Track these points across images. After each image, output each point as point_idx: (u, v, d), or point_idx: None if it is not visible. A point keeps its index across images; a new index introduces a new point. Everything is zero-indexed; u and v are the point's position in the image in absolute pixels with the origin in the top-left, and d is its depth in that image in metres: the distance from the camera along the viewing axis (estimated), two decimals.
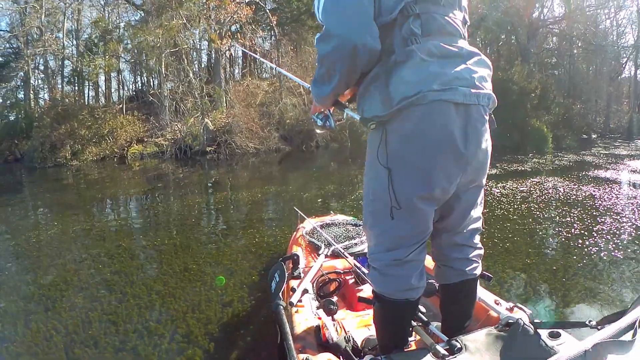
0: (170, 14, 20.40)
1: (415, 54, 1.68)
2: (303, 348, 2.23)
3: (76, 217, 8.44)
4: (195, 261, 5.16)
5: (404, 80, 1.68)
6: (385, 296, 1.95)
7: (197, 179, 14.61)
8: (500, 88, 19.13)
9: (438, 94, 1.65)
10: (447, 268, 2.11)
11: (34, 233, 7.04)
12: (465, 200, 1.95)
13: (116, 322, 3.69)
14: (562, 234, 5.92)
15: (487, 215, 6.64)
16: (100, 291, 4.38)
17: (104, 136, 23.64)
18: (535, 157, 15.41)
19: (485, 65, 1.84)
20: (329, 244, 3.73)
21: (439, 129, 1.69)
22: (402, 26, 1.72)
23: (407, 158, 1.74)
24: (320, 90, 1.90)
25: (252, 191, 10.55)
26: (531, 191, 8.68)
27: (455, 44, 1.77)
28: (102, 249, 5.94)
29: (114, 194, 11.82)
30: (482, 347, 1.83)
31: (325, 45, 1.71)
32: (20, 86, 30.44)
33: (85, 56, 24.87)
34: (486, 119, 1.82)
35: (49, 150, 23.10)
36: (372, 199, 1.90)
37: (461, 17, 1.87)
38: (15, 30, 29.73)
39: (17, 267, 5.48)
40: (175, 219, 7.95)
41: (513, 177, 10.66)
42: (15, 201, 11.36)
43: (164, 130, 22.99)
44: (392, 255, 1.89)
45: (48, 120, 25.03)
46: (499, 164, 13.27)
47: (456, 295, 2.14)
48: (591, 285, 4.18)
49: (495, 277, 4.18)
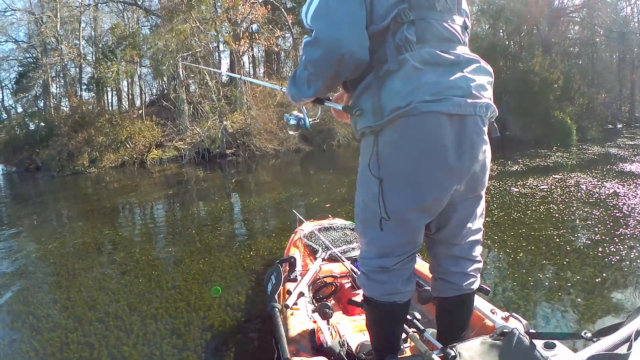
0: (182, 17, 20.44)
1: (408, 62, 1.64)
2: (297, 351, 2.24)
3: (79, 229, 8.43)
4: (183, 278, 5.03)
5: (395, 90, 1.64)
6: (372, 299, 1.95)
7: (215, 182, 14.61)
8: (521, 79, 19.11)
9: (430, 104, 1.60)
10: (444, 282, 2.06)
11: (27, 249, 7.04)
12: (462, 211, 1.90)
13: (93, 345, 3.61)
14: (580, 241, 5.38)
15: (502, 220, 6.38)
16: (85, 311, 4.30)
17: (122, 142, 23.85)
18: (559, 151, 14.93)
19: (484, 73, 1.78)
20: (326, 248, 3.71)
21: (430, 141, 1.65)
22: (396, 34, 1.67)
23: (398, 169, 1.71)
24: (300, 92, 1.86)
25: (271, 193, 10.52)
26: (552, 189, 8.27)
27: (453, 51, 1.71)
28: (96, 263, 5.89)
29: (126, 202, 11.75)
30: (477, 355, 1.80)
31: (313, 51, 1.69)
32: (40, 95, 31.02)
33: (103, 63, 25.06)
34: (484, 129, 1.76)
35: (66, 158, 23.45)
36: (362, 208, 1.90)
37: (461, 22, 1.81)
38: (33, 40, 30.31)
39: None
40: (187, 226, 7.90)
41: (535, 173, 10.25)
42: (24, 212, 11.53)
43: (183, 134, 23.13)
44: (380, 262, 1.88)
45: (65, 129, 25.39)
46: (522, 159, 12.92)
47: (452, 308, 2.11)
48: (607, 303, 3.79)
49: (503, 294, 3.98)
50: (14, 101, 32.83)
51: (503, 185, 8.79)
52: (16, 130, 31.17)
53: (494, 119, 1.84)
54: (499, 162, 12.18)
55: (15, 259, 6.46)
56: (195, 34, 21.07)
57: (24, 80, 29.90)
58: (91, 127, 24.82)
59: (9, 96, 33.48)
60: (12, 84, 33.13)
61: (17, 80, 31.84)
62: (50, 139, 25.48)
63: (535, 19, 22.98)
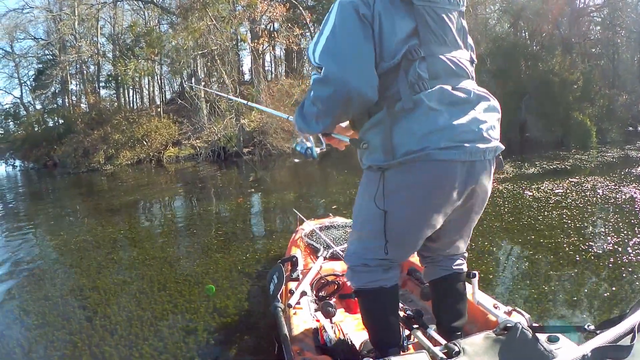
0: (197, 15, 20.50)
1: (423, 102, 1.66)
2: (301, 350, 2.23)
3: (82, 227, 8.49)
4: (176, 279, 5.00)
5: (410, 131, 1.67)
6: (361, 289, 2.04)
7: (229, 181, 14.69)
8: (541, 80, 18.89)
9: (444, 152, 1.64)
10: (433, 265, 2.22)
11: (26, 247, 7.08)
12: (454, 231, 2.06)
13: (76, 343, 3.61)
14: (591, 251, 4.95)
15: (511, 225, 6.18)
16: (75, 309, 4.31)
17: (139, 140, 24.05)
18: (578, 153, 14.63)
19: (494, 111, 1.82)
20: (327, 247, 3.74)
21: (441, 186, 1.72)
22: (409, 71, 1.69)
23: (404, 205, 1.79)
24: (309, 127, 1.89)
25: (280, 193, 10.51)
26: (567, 194, 7.98)
27: (464, 87, 1.75)
28: (93, 261, 5.90)
29: (134, 201, 11.75)
30: (480, 350, 1.80)
31: (322, 90, 1.70)
32: (59, 92, 31.40)
33: (121, 61, 25.25)
34: (491, 169, 1.85)
35: (81, 155, 23.74)
36: (360, 225, 2.01)
37: (467, 56, 1.86)
38: (51, 37, 30.64)
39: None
40: (193, 225, 7.95)
41: (551, 176, 10.01)
42: (34, 209, 11.69)
43: (200, 133, 23.22)
44: (363, 261, 2.00)
45: (82, 126, 25.64)
46: (539, 161, 12.69)
47: (444, 290, 2.21)
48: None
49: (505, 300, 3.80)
50: (32, 98, 33.41)
51: (517, 189, 8.60)
52: (34, 127, 31.65)
53: (500, 153, 1.88)
54: (516, 165, 12.02)
55: (12, 256, 6.50)
56: (212, 32, 21.13)
57: (43, 77, 30.32)
58: (108, 124, 25.06)
59: (27, 93, 34.02)
60: (31, 81, 33.66)
61: (36, 77, 32.38)
62: (67, 136, 25.77)
63: (555, 18, 22.69)
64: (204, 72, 24.79)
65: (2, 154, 33.39)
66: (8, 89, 34.06)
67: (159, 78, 32.36)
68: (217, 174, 16.91)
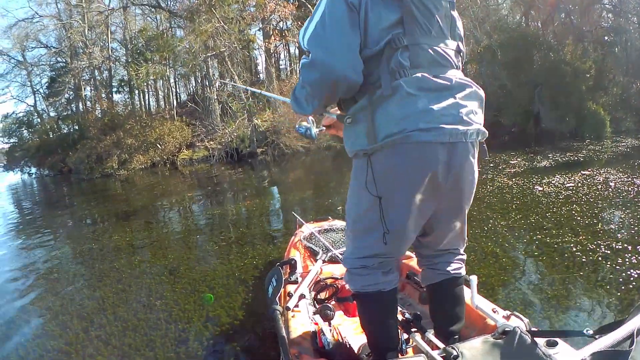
0: (204, 18, 20.53)
1: (402, 88, 1.70)
2: (299, 353, 2.23)
3: (88, 234, 8.62)
4: (173, 288, 5.01)
5: (389, 115, 1.72)
6: (359, 292, 2.05)
7: (242, 183, 14.71)
8: (553, 69, 18.67)
9: (423, 134, 1.68)
10: (431, 270, 2.20)
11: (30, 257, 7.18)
12: (446, 223, 2.04)
13: (71, 354, 3.64)
14: (599, 251, 4.68)
15: (518, 224, 5.98)
16: (72, 319, 4.34)
17: (152, 143, 24.19)
18: (592, 144, 14.28)
19: (475, 98, 1.85)
20: (326, 250, 3.75)
21: (423, 168, 1.74)
22: (391, 59, 1.74)
23: (394, 189, 1.80)
24: (300, 109, 1.96)
25: (287, 195, 10.62)
26: (578, 188, 7.73)
27: (445, 75, 1.78)
28: (96, 270, 5.96)
29: (143, 206, 11.88)
30: (479, 354, 1.80)
31: (309, 74, 1.77)
32: (72, 99, 31.64)
33: (132, 65, 25.37)
34: (473, 152, 1.86)
35: (95, 161, 23.92)
36: (354, 220, 2.01)
37: (454, 46, 1.88)
38: (62, 44, 30.91)
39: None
40: (200, 228, 8.05)
41: (563, 169, 9.75)
42: (45, 217, 11.84)
43: (213, 134, 23.28)
44: (361, 262, 1.99)
45: (95, 132, 25.83)
46: (552, 153, 12.44)
47: (442, 295, 2.19)
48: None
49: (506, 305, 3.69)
50: (46, 106, 33.75)
51: (527, 184, 8.40)
52: (49, 134, 31.96)
53: (484, 140, 1.92)
54: (528, 158, 11.85)
55: (17, 265, 6.63)
56: (220, 34, 21.16)
57: (55, 84, 30.56)
58: (120, 129, 25.21)
59: (41, 101, 34.33)
60: (44, 88, 34.00)
61: (49, 85, 32.66)
62: (81, 142, 26.00)
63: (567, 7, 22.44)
64: (218, 72, 24.86)
65: (17, 162, 33.90)
66: (21, 97, 34.48)
67: (172, 81, 32.50)
68: (231, 176, 16.97)
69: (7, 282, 5.80)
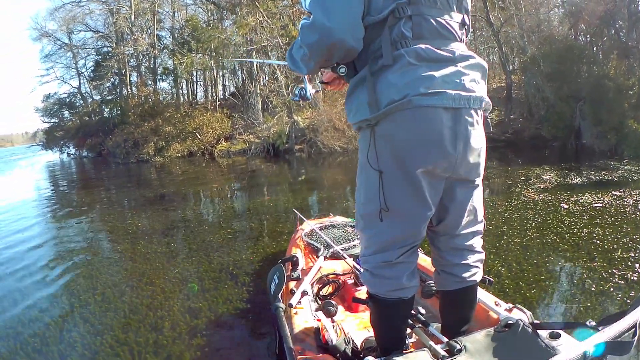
0: (246, 10, 20.66)
1: (403, 58, 1.67)
2: (302, 350, 2.24)
3: (105, 217, 8.93)
4: (165, 276, 5.08)
5: (390, 83, 1.68)
6: (378, 296, 1.95)
7: (275, 178, 14.78)
8: (595, 84, 18.25)
9: (425, 98, 1.65)
10: (447, 274, 2.06)
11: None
12: (460, 199, 1.92)
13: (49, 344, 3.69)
14: (612, 281, 4.21)
15: (533, 242, 5.59)
16: (66, 313, 4.32)
17: (191, 133, 24.46)
18: (629, 164, 13.18)
19: (478, 69, 1.81)
20: (328, 246, 3.74)
21: (427, 133, 1.69)
22: (393, 28, 1.71)
23: (396, 160, 1.74)
24: (296, 67, 1.92)
25: (307, 194, 10.58)
26: (605, 209, 7.17)
27: (448, 47, 1.75)
28: (104, 256, 6.07)
29: (168, 194, 12.02)
30: (482, 348, 1.82)
31: (308, 36, 1.74)
32: (117, 84, 32.15)
33: (177, 55, 25.69)
34: (478, 121, 1.80)
35: (131, 146, 24.35)
36: (363, 202, 1.92)
37: (459, 18, 1.84)
38: (108, 29, 31.61)
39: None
40: (211, 221, 8.10)
41: (594, 188, 9.14)
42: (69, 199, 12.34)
43: (253, 128, 23.47)
44: (382, 257, 1.88)
45: (133, 118, 26.26)
46: (587, 170, 11.79)
47: (455, 301, 2.12)
48: None
49: None
50: (89, 89, 34.47)
51: (553, 200, 7.92)
52: (91, 116, 32.57)
53: (488, 113, 1.87)
54: (562, 173, 11.29)
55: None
56: (263, 28, 21.28)
57: (100, 68, 31.24)
58: (160, 116, 25.54)
59: (85, 84, 35.03)
60: (89, 72, 34.69)
61: (94, 68, 33.33)
62: (119, 126, 26.48)
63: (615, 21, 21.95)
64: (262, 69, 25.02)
65: (57, 142, 34.53)
66: (65, 78, 35.12)
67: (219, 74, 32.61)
68: (266, 170, 17.05)
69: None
